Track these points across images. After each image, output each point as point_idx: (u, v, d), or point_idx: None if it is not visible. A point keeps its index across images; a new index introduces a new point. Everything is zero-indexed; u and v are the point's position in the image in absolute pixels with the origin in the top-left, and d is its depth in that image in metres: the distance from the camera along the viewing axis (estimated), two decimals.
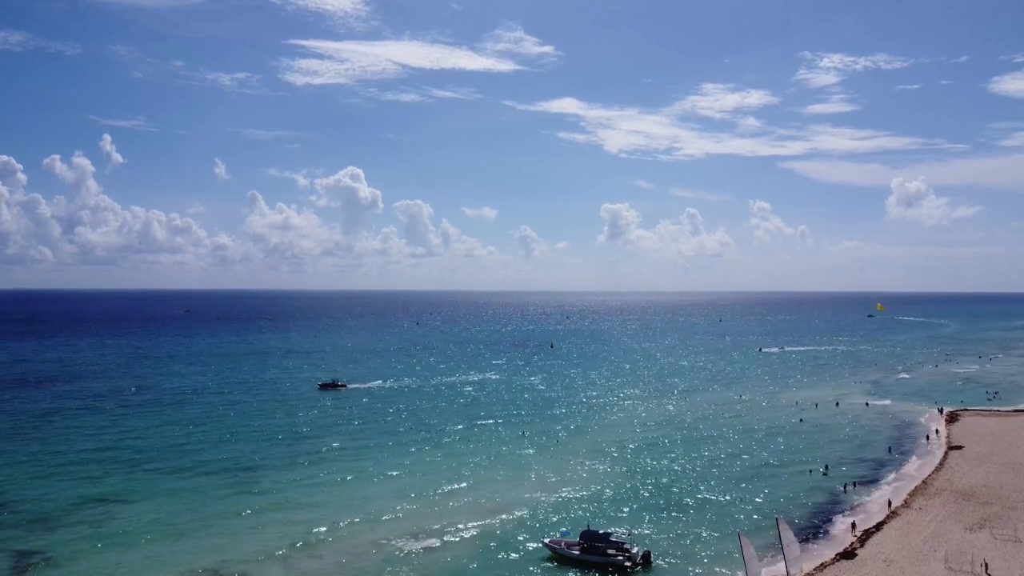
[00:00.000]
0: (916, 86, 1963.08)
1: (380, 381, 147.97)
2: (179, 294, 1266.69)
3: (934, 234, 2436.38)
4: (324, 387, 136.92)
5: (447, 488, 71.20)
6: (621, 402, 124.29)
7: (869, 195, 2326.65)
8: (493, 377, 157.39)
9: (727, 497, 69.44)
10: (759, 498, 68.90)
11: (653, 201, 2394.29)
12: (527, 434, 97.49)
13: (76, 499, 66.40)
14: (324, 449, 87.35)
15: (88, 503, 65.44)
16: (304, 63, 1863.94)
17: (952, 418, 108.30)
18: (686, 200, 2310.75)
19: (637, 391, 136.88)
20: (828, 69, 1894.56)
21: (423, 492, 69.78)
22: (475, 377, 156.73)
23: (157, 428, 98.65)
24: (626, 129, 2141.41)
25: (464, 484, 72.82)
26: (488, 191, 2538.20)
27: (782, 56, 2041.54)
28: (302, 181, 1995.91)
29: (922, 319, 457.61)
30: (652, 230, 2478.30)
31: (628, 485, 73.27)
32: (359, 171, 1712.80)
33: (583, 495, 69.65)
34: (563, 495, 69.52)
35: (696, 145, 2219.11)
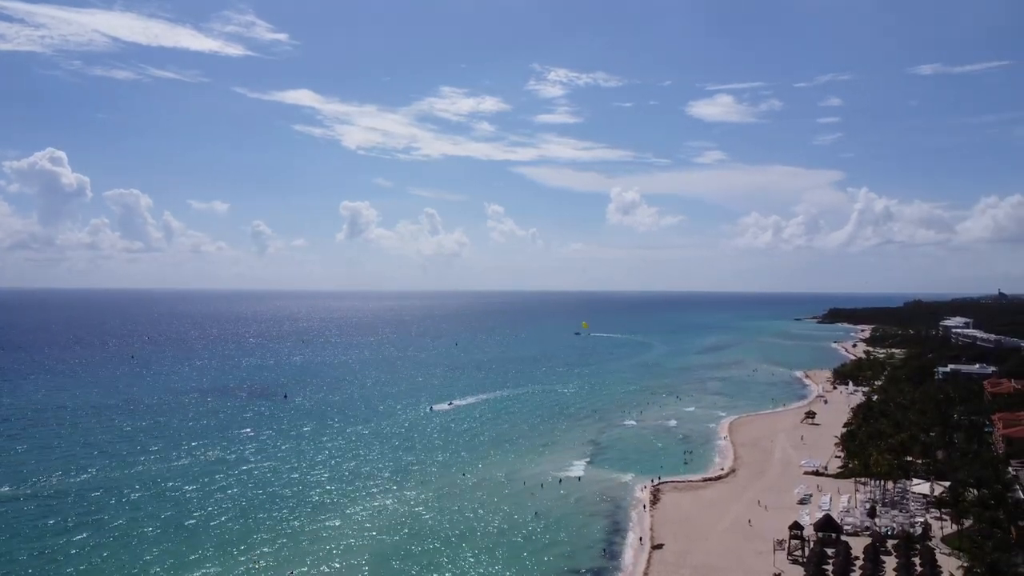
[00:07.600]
0: (629, 104, 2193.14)
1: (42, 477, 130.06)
2: None
3: (646, 239, 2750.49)
4: None
5: None
6: (353, 497, 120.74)
7: (591, 201, 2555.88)
8: (213, 456, 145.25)
9: None
10: None
11: (393, 199, 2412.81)
12: (259, 565, 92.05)
13: None
14: None
15: None
16: None
17: (655, 497, 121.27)
18: (425, 200, 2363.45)
19: (368, 477, 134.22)
20: (555, 82, 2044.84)
21: None
22: (190, 459, 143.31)
23: None
24: (365, 126, 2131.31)
25: None
26: (218, 183, 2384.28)
27: (515, 66, 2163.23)
28: None
29: (628, 336, 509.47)
30: (392, 229, 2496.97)
31: None
32: (61, 154, 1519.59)
33: None
34: None
35: (434, 146, 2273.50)
